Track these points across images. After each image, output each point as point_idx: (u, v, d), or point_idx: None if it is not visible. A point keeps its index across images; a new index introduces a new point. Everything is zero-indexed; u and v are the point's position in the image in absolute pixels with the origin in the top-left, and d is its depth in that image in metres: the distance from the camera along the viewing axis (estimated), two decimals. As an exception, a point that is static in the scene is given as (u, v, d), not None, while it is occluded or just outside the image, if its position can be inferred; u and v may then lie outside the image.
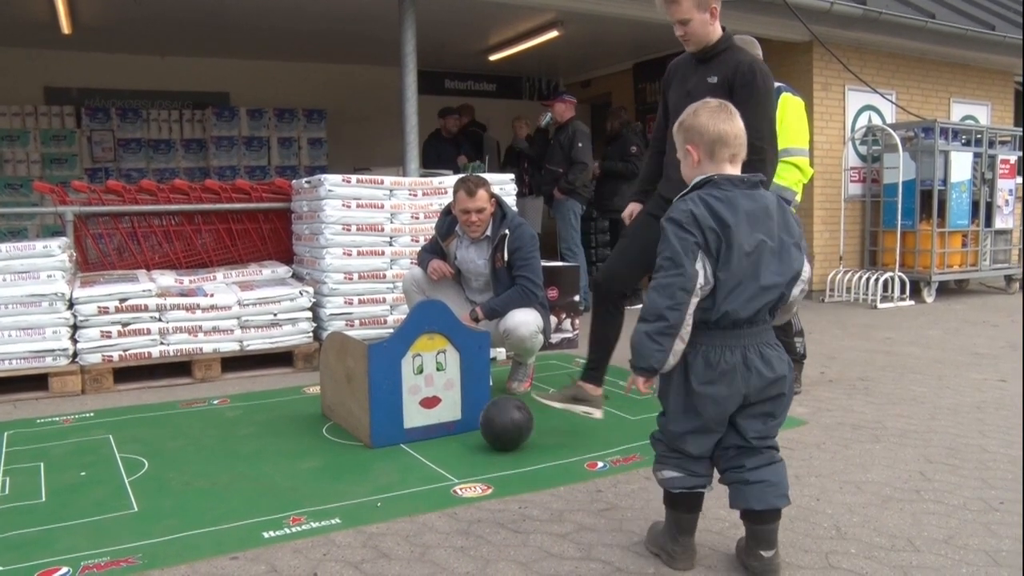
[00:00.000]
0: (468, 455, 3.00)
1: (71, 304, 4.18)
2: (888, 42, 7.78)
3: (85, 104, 8.50)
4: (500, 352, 4.55)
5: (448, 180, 5.06)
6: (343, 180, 4.76)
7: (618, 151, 7.04)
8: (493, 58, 9.20)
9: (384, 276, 4.86)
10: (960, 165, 7.58)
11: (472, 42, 8.60)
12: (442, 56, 8.94)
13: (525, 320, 3.72)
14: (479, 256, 3.95)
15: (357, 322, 4.81)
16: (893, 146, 7.47)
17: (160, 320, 4.35)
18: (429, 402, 3.20)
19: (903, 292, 7.23)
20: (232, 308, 4.49)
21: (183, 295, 4.48)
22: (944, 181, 7.44)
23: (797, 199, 3.90)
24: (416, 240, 4.84)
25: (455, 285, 4.10)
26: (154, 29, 7.60)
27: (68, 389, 4.10)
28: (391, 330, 4.36)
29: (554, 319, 4.85)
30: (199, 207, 5.31)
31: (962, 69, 8.81)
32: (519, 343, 3.75)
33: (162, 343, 4.36)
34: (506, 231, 3.79)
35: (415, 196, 4.94)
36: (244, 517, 2.42)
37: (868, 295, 7.20)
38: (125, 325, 4.26)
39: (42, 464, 2.97)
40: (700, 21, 2.91)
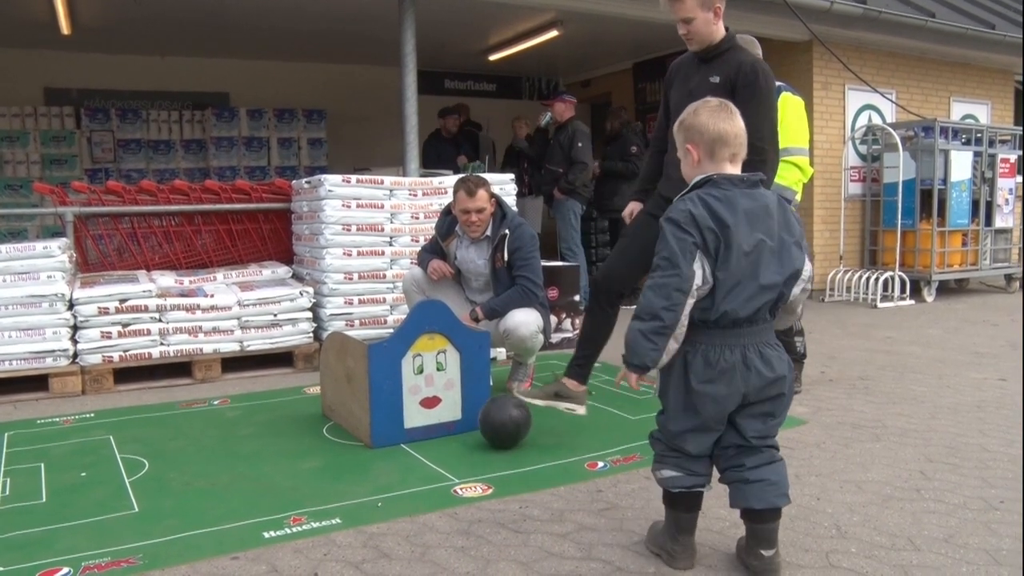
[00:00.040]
0: (468, 455, 3.00)
1: (71, 305, 4.19)
2: (888, 41, 7.78)
3: (85, 105, 8.50)
4: (500, 352, 4.55)
5: (448, 180, 5.07)
6: (343, 180, 4.76)
7: (618, 151, 7.04)
8: (493, 58, 9.20)
9: (384, 276, 4.86)
10: (960, 164, 7.58)
11: (472, 42, 8.61)
12: (442, 56, 8.94)
13: (525, 320, 3.72)
14: (479, 256, 3.95)
15: (357, 322, 4.81)
16: (893, 145, 7.47)
17: (160, 321, 4.36)
18: (429, 402, 3.20)
19: (903, 291, 7.23)
20: (232, 308, 4.49)
21: (183, 296, 4.48)
22: (944, 180, 7.44)
23: (797, 198, 3.90)
24: (416, 240, 4.84)
25: (455, 285, 4.10)
26: (154, 29, 7.60)
27: (68, 390, 4.10)
28: (391, 330, 4.36)
29: (554, 319, 4.86)
30: (199, 208, 5.31)
31: (962, 68, 8.81)
32: (519, 343, 3.75)
33: (162, 344, 4.36)
34: (506, 231, 3.79)
35: (415, 196, 4.94)
36: (245, 517, 2.42)
37: (868, 294, 7.20)
38: (125, 326, 4.26)
39: (43, 465, 2.97)
40: (703, 20, 2.90)
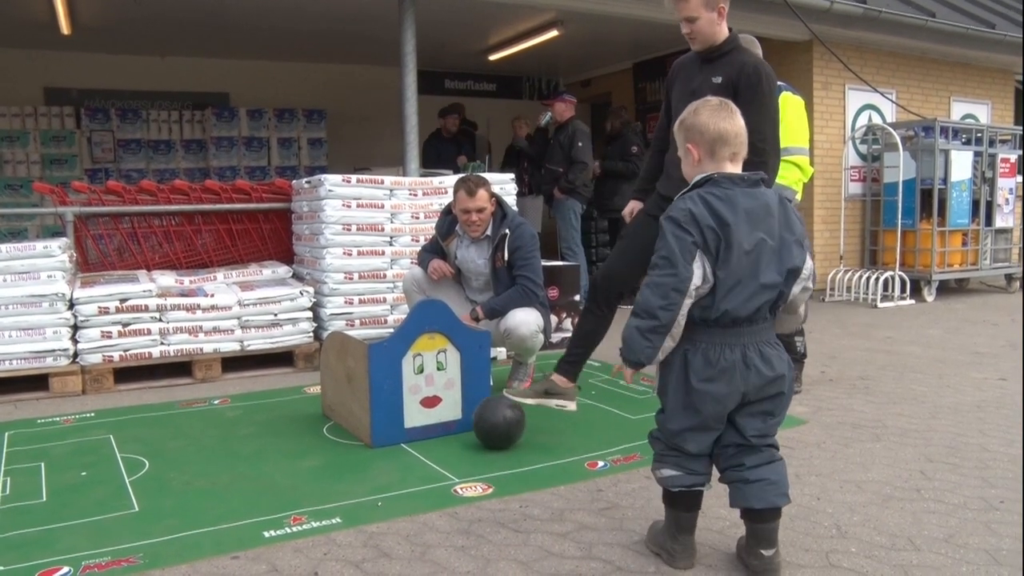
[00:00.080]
0: (469, 455, 3.00)
1: (71, 304, 4.19)
2: (888, 41, 7.79)
3: (85, 105, 8.50)
4: (500, 351, 4.55)
5: (448, 180, 5.07)
6: (343, 180, 4.76)
7: (619, 151, 7.04)
8: (493, 58, 9.20)
9: (384, 276, 4.86)
10: (960, 164, 7.58)
11: (472, 42, 8.61)
12: (442, 56, 8.94)
13: (525, 320, 3.72)
14: (479, 256, 3.95)
15: (357, 322, 4.81)
16: (893, 145, 7.47)
17: (160, 320, 4.36)
18: (429, 401, 3.20)
19: (903, 291, 7.23)
20: (232, 308, 4.49)
21: (183, 295, 4.48)
22: (944, 180, 7.44)
23: (797, 198, 3.90)
24: (416, 240, 4.84)
25: (455, 285, 4.10)
26: (154, 29, 7.60)
27: (69, 389, 4.10)
28: (391, 330, 4.36)
29: (554, 318, 4.86)
30: (199, 207, 5.31)
31: (962, 68, 8.81)
32: (519, 343, 3.75)
33: (162, 343, 4.36)
34: (506, 231, 3.79)
35: (415, 196, 4.94)
36: (245, 517, 2.42)
37: (868, 294, 7.20)
38: (125, 325, 4.26)
39: (43, 464, 2.97)
40: (707, 20, 2.90)
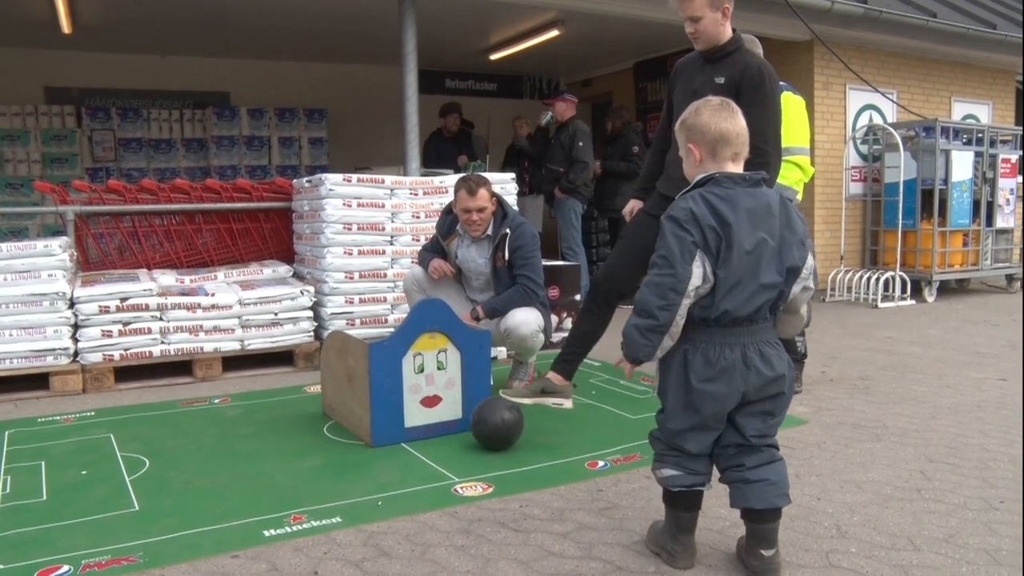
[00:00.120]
0: (469, 454, 3.00)
1: (72, 303, 4.19)
2: (889, 41, 7.78)
3: (85, 104, 8.50)
4: (501, 351, 4.55)
5: (449, 179, 5.07)
6: (344, 179, 4.76)
7: (619, 150, 7.04)
8: (494, 57, 9.19)
9: (385, 275, 4.86)
10: (961, 164, 7.57)
11: (472, 41, 8.60)
12: (442, 56, 8.94)
13: (526, 319, 3.72)
14: (480, 255, 3.95)
15: (358, 321, 4.81)
16: (894, 145, 7.46)
17: (161, 319, 4.36)
18: (430, 401, 3.20)
19: (904, 291, 7.23)
20: (233, 307, 4.49)
21: (184, 294, 4.48)
22: (945, 180, 7.43)
23: (798, 198, 3.90)
24: (417, 239, 4.84)
25: (456, 284, 4.10)
26: (154, 29, 7.60)
27: (69, 388, 4.10)
28: (392, 329, 4.36)
29: (555, 318, 4.85)
30: (200, 206, 5.31)
31: (963, 68, 8.81)
32: (520, 342, 3.75)
33: (163, 342, 4.36)
34: (507, 230, 3.79)
35: (416, 195, 4.94)
36: (245, 516, 2.42)
37: (869, 294, 7.20)
38: (126, 324, 4.26)
39: (43, 463, 2.97)
40: (712, 20, 2.90)
